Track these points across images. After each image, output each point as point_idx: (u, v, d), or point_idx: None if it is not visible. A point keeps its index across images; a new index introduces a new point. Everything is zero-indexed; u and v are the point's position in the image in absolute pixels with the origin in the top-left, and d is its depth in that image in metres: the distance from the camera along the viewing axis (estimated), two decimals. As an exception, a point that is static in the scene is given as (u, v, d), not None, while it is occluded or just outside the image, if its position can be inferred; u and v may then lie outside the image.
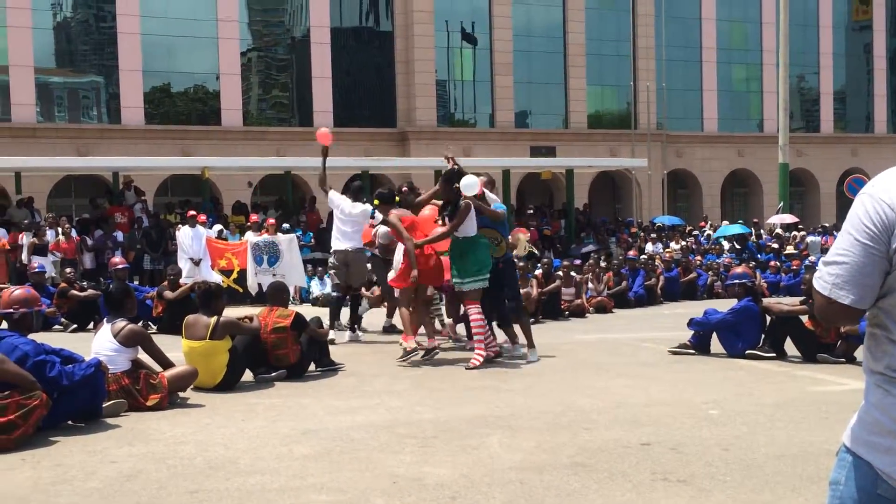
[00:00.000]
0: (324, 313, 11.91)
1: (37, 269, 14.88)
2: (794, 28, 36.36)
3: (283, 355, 8.44)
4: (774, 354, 9.73)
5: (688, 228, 28.59)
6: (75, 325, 13.38)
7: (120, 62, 32.25)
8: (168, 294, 12.89)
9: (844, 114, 45.56)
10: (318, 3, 34.88)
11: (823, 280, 2.26)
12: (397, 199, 10.42)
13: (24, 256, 18.18)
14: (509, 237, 10.02)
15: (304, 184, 31.55)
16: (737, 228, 27.16)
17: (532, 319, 13.77)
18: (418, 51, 35.95)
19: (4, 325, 6.84)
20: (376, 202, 10.25)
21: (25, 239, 18.46)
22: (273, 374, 8.36)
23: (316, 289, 18.88)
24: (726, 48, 42.03)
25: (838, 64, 44.65)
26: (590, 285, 17.39)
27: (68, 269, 15.67)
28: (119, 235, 19.75)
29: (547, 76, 38.49)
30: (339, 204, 11.43)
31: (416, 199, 10.41)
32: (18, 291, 6.97)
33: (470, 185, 9.11)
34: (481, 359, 9.12)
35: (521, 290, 13.27)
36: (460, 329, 11.07)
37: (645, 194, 38.38)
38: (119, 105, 32.52)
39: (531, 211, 25.97)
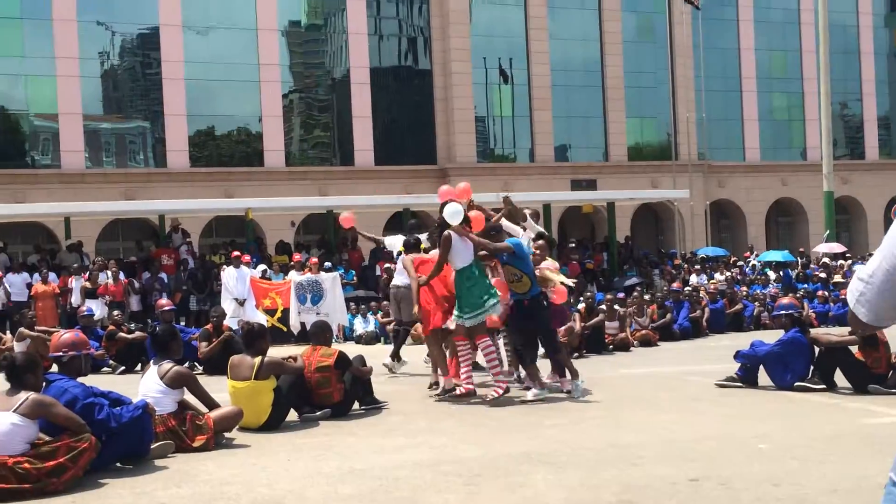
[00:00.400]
0: (367, 351, 11.95)
1: (85, 313, 15.12)
2: (835, 55, 36.06)
3: (327, 394, 8.47)
4: (824, 386, 9.55)
5: (732, 259, 28.29)
6: (123, 367, 13.56)
7: (165, 107, 32.92)
8: (203, 348, 12.91)
9: (889, 140, 44.95)
10: (357, 44, 35.37)
11: (851, 292, 2.37)
12: (423, 246, 10.60)
13: (74, 299, 18.51)
14: (536, 272, 9.61)
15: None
16: (778, 255, 26.85)
17: (576, 354, 13.73)
18: (457, 88, 36.23)
19: (55, 368, 6.96)
20: (401, 249, 10.52)
21: (76, 282, 18.80)
22: (317, 413, 8.39)
23: (359, 327, 18.96)
24: (766, 77, 41.78)
25: (881, 90, 44.13)
26: (634, 318, 17.25)
27: (116, 312, 15.92)
28: (165, 277, 20.03)
29: (586, 110, 38.53)
30: (394, 243, 11.68)
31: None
32: (67, 335, 7.10)
33: (453, 214, 8.76)
34: (501, 390, 8.98)
35: (565, 325, 13.25)
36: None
37: (688, 225, 38.10)
38: (164, 149, 33.14)
39: (573, 244, 25.90)
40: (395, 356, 11.82)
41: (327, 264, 20.06)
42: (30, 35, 31.45)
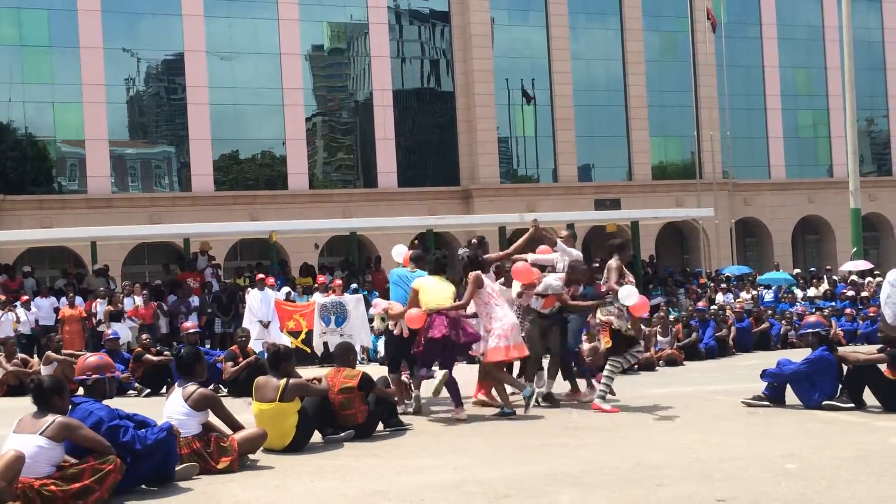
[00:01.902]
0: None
1: (111, 336, 15.23)
2: (861, 71, 35.80)
3: (350, 415, 8.46)
4: (853, 405, 9.42)
5: (758, 277, 28.05)
6: (149, 390, 13.62)
7: (190, 132, 33.24)
8: (228, 368, 12.95)
9: (917, 156, 44.54)
10: (380, 67, 35.59)
11: (882, 296, 2.30)
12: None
13: (100, 322, 18.66)
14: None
15: (370, 244, 31.89)
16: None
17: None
18: (480, 109, 36.33)
19: (81, 391, 7.01)
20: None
21: (100, 306, 18.97)
22: (341, 434, 8.38)
23: (383, 348, 18.92)
24: (791, 94, 41.55)
25: (908, 106, 43.78)
26: (658, 338, 17.13)
27: (144, 336, 16.02)
28: (195, 300, 20.16)
29: (609, 129, 38.49)
30: (399, 252, 11.44)
31: (486, 255, 10.54)
32: (92, 358, 7.17)
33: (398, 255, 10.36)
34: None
35: (590, 344, 13.24)
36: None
37: (713, 244, 37.87)
38: (189, 173, 33.43)
39: (597, 264, 25.77)
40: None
41: (353, 286, 20.11)
42: (58, 63, 31.92)
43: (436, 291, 9.61)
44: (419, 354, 9.56)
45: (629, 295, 9.38)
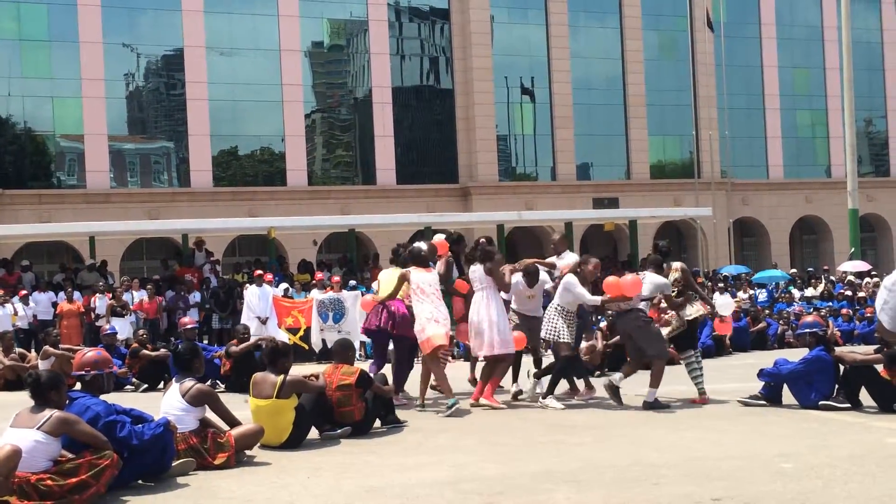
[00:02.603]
0: (389, 370, 11.92)
1: (108, 331, 15.22)
2: (859, 72, 35.83)
3: (348, 412, 8.47)
4: (849, 405, 9.44)
5: (753, 276, 28.08)
6: (146, 385, 13.63)
7: (189, 127, 33.22)
8: (234, 349, 13.05)
9: (915, 157, 44.59)
10: (379, 64, 35.58)
11: (878, 302, 2.30)
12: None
13: (99, 317, 18.69)
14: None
15: (368, 241, 31.90)
16: (774, 274, 26.89)
17: (598, 372, 13.69)
18: (478, 107, 36.32)
19: (78, 386, 7.02)
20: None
21: (99, 301, 18.98)
22: (338, 431, 8.38)
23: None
24: (790, 94, 41.57)
25: (906, 107, 43.83)
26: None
27: (141, 331, 16.03)
28: (196, 296, 20.19)
29: (607, 128, 38.49)
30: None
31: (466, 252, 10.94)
32: (90, 353, 7.17)
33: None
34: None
35: (588, 343, 13.28)
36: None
37: (711, 243, 37.89)
38: (188, 169, 33.41)
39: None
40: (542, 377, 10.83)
41: (352, 283, 20.11)
42: (57, 57, 31.90)
43: (386, 283, 10.34)
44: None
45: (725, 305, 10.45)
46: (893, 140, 43.57)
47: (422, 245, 10.41)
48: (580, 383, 11.07)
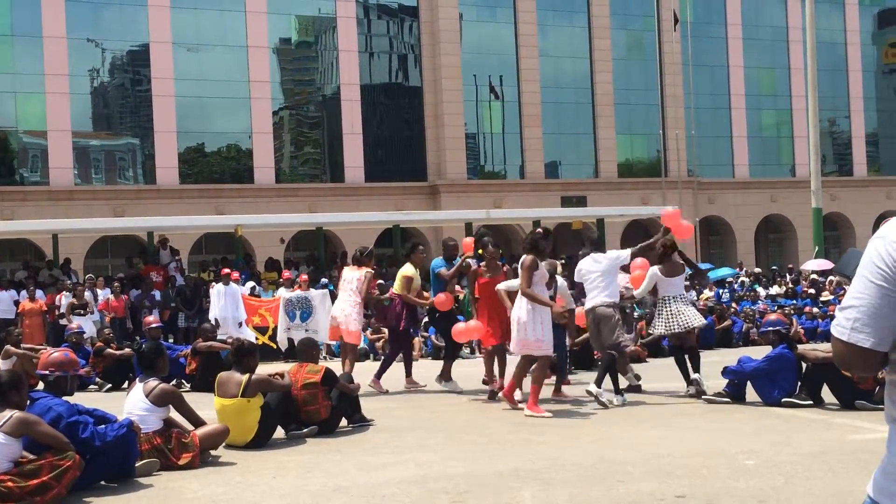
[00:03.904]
0: (357, 368, 11.91)
1: (77, 331, 15.01)
2: (823, 73, 36.28)
3: (313, 411, 8.44)
4: (811, 402, 9.56)
5: (739, 272, 28.39)
6: (110, 385, 13.48)
7: (155, 124, 32.88)
8: (200, 344, 12.95)
9: (877, 157, 45.23)
10: (347, 61, 35.46)
11: (841, 325, 2.24)
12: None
13: (63, 315, 18.47)
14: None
15: (336, 239, 31.79)
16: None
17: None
18: (447, 105, 36.32)
19: (41, 385, 6.93)
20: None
21: (65, 300, 18.76)
22: (304, 430, 8.35)
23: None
24: (755, 94, 42.02)
25: (869, 107, 44.43)
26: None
27: (106, 330, 15.85)
28: (157, 294, 20.00)
29: (576, 126, 38.67)
30: (584, 267, 10.53)
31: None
32: (56, 354, 7.09)
33: None
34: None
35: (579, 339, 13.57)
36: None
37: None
38: (154, 166, 33.08)
39: (563, 261, 25.86)
40: (604, 383, 10.42)
41: (323, 280, 20.01)
42: (20, 52, 31.46)
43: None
44: None
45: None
46: (857, 140, 44.17)
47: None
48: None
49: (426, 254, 12.47)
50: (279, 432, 8.29)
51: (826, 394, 9.61)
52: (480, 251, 10.68)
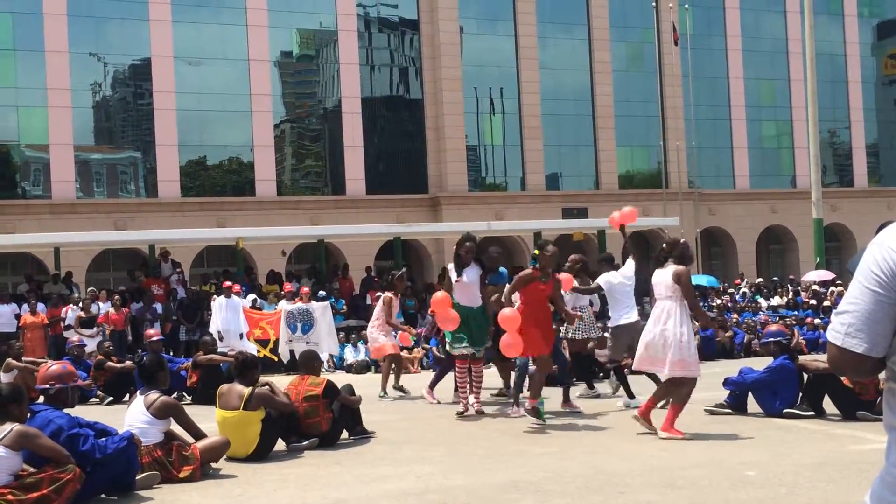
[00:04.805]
0: (358, 380, 11.92)
1: (78, 343, 15.02)
2: (823, 84, 36.38)
3: (314, 423, 8.43)
4: (813, 413, 9.55)
5: (723, 286, 28.36)
6: (111, 398, 13.48)
7: (157, 137, 32.98)
8: (201, 357, 12.95)
9: (878, 167, 45.29)
10: (349, 74, 35.57)
11: (835, 330, 2.25)
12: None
13: (69, 328, 18.48)
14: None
15: (338, 251, 31.81)
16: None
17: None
18: (448, 117, 36.40)
19: (42, 399, 6.94)
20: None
21: (71, 312, 18.78)
22: (305, 442, 8.35)
23: (350, 356, 18.90)
24: (755, 105, 42.10)
25: (869, 118, 44.52)
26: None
27: (107, 343, 15.85)
28: (159, 307, 20.01)
29: (576, 138, 38.74)
30: (610, 280, 10.88)
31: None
32: (55, 367, 7.10)
33: None
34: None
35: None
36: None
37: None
38: (156, 179, 33.17)
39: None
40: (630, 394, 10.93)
41: (321, 293, 20.03)
42: (22, 66, 31.57)
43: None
44: None
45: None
46: (857, 150, 44.23)
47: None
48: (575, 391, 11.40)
49: (427, 266, 12.58)
50: (280, 444, 8.29)
51: (827, 404, 9.60)
52: (537, 252, 9.61)
